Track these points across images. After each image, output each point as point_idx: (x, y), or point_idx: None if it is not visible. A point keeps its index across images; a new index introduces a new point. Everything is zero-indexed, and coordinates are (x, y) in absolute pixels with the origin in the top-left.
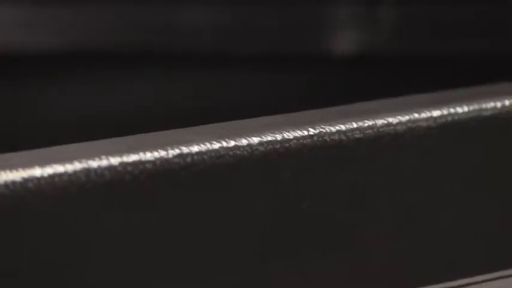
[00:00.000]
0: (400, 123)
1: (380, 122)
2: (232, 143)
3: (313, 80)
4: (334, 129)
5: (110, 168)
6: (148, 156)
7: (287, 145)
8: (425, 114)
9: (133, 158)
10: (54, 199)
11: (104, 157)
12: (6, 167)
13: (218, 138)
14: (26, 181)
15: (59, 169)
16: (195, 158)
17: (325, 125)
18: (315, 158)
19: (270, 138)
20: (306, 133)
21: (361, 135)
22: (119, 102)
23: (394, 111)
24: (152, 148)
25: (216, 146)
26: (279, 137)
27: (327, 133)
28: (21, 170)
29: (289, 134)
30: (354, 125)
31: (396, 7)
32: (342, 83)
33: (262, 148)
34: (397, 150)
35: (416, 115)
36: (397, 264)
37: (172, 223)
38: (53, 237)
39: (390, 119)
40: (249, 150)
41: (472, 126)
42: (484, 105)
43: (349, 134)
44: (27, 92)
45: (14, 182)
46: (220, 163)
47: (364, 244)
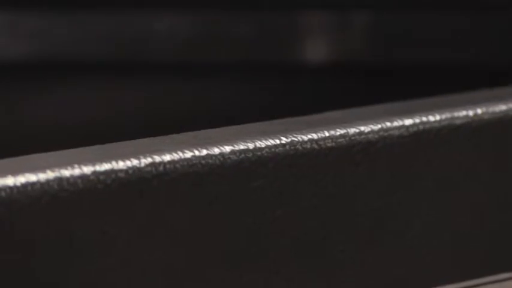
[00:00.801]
0: (372, 132)
1: (352, 130)
2: (204, 152)
3: (285, 89)
4: (306, 138)
5: (83, 177)
6: (121, 165)
7: (259, 154)
8: (397, 123)
9: (105, 166)
10: (26, 208)
11: (77, 166)
12: None
13: (190, 147)
14: None
15: (32, 178)
16: (168, 166)
17: (297, 133)
18: (287, 167)
19: (242, 147)
20: (278, 142)
21: (333, 144)
22: (91, 111)
23: (366, 120)
24: (124, 157)
25: (188, 154)
26: (251, 145)
27: (299, 142)
28: None
29: (261, 143)
30: (326, 133)
31: (369, 16)
32: (314, 92)
33: (234, 157)
34: (369, 158)
35: (388, 124)
36: (369, 271)
37: (145, 231)
38: (25, 246)
39: (362, 128)
40: (221, 159)
41: (444, 134)
42: (456, 114)
43: (321, 142)
44: None
45: None
46: (192, 172)
47: (336, 252)
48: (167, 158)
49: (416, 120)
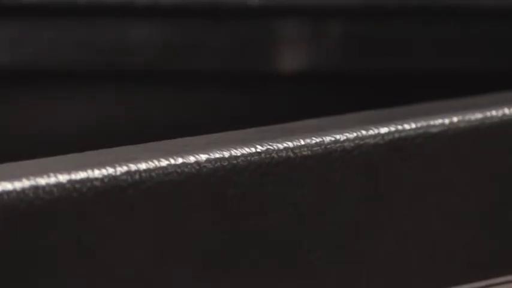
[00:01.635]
0: (347, 140)
1: (328, 139)
2: (180, 160)
3: (261, 97)
4: (281, 146)
5: (58, 185)
6: (96, 173)
7: (235, 162)
8: (372, 131)
9: (81, 175)
10: (1, 216)
11: (52, 174)
12: None
13: (166, 155)
14: None
15: (7, 186)
16: (143, 175)
17: (272, 142)
18: (262, 175)
19: (217, 156)
20: (253, 150)
21: (308, 153)
22: (67, 119)
23: (342, 128)
24: (100, 165)
25: (163, 163)
26: (226, 154)
27: (274, 150)
28: None
29: (236, 151)
30: (302, 142)
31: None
32: (290, 100)
33: (210, 165)
34: (345, 167)
35: (363, 132)
36: (345, 279)
37: (121, 240)
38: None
39: (338, 136)
40: (196, 168)
41: (419, 142)
42: (431, 122)
43: (296, 151)
44: None
45: None
46: (168, 180)
47: (312, 260)
48: (143, 166)
49: (392, 128)
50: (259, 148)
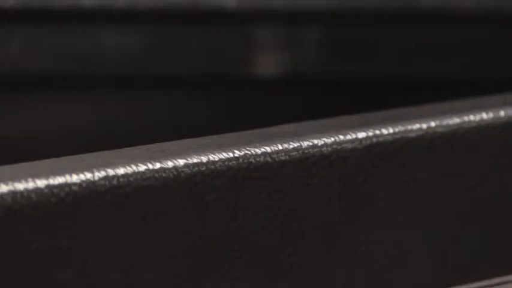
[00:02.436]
0: (325, 145)
1: (305, 144)
2: (158, 165)
3: (238, 102)
4: (259, 151)
5: (36, 190)
6: (75, 178)
7: (213, 167)
8: (350, 136)
9: (59, 180)
10: None
11: (30, 179)
12: None
13: (144, 160)
14: None
15: None
16: (121, 180)
17: (250, 147)
18: (240, 180)
19: (195, 161)
20: (231, 155)
21: (286, 157)
22: (44, 125)
23: (320, 133)
24: (78, 170)
25: (141, 168)
26: (204, 159)
27: (252, 155)
28: None
29: (214, 156)
30: (279, 147)
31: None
32: (267, 105)
33: (188, 170)
34: (323, 171)
35: (341, 137)
36: (323, 282)
37: (99, 244)
38: None
39: (315, 141)
40: (174, 173)
41: (397, 147)
42: (409, 127)
43: (274, 156)
44: None
45: None
46: (146, 185)
47: (291, 264)
48: (121, 171)
49: (370, 133)
50: (237, 153)
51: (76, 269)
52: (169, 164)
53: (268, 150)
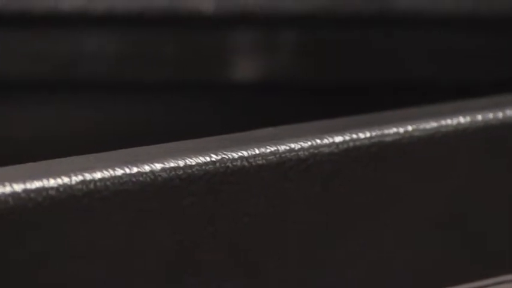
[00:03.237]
0: (302, 149)
1: (282, 148)
2: (135, 170)
3: (215, 107)
4: (236, 155)
5: (13, 195)
6: (52, 183)
7: (190, 171)
8: (327, 140)
9: (36, 184)
10: None
11: (8, 184)
12: None
13: (121, 164)
14: None
15: None
16: (98, 184)
17: (227, 151)
18: (217, 184)
19: (172, 165)
20: (208, 159)
21: (263, 162)
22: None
23: (297, 137)
24: (55, 175)
25: (119, 172)
26: (181, 163)
27: (229, 159)
28: None
29: (191, 161)
30: (256, 151)
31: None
32: (244, 110)
33: (165, 174)
34: (300, 175)
35: (318, 141)
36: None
37: (76, 250)
38: None
39: (292, 145)
40: (151, 177)
41: (374, 151)
42: (386, 131)
43: (251, 160)
44: None
45: None
46: (123, 189)
47: (268, 269)
48: (98, 175)
49: (347, 137)
50: (214, 157)
51: (53, 273)
52: (146, 168)
53: (245, 154)
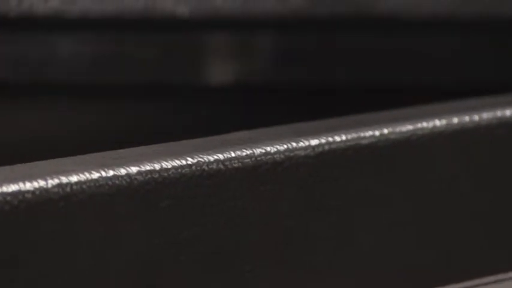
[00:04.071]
0: (278, 152)
1: (258, 151)
2: (111, 173)
3: (191, 110)
4: (212, 158)
5: None
6: (28, 186)
7: (165, 175)
8: (303, 143)
9: (12, 188)
10: None
11: None
12: None
13: (97, 167)
14: None
15: None
16: (74, 187)
17: (203, 154)
18: (193, 188)
19: (148, 168)
20: (184, 162)
21: (239, 165)
22: None
23: (272, 140)
24: (32, 178)
25: (95, 175)
26: (157, 166)
27: (205, 162)
28: None
29: (167, 164)
30: (232, 154)
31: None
32: (220, 113)
33: (140, 178)
34: (275, 179)
35: (294, 144)
36: None
37: (53, 253)
38: None
39: (268, 148)
40: (127, 180)
41: (350, 154)
42: (362, 134)
43: (227, 163)
44: None
45: None
46: (99, 193)
47: (244, 272)
48: (74, 179)
49: (322, 140)
50: (190, 160)
51: (30, 277)
52: (123, 172)
53: (221, 157)
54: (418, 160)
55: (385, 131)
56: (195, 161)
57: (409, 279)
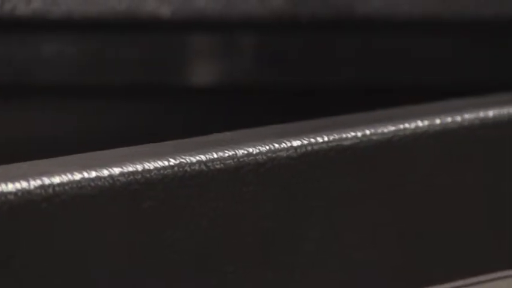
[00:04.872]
0: (260, 153)
1: (240, 152)
2: (93, 174)
3: (174, 111)
4: (194, 159)
5: None
6: (10, 187)
7: (148, 176)
8: (285, 144)
9: None
10: None
11: None
12: None
13: (79, 169)
14: None
15: None
16: (57, 189)
17: (185, 155)
18: (176, 189)
19: (131, 169)
20: (166, 163)
21: (221, 166)
22: None
23: (255, 142)
24: (14, 179)
25: (77, 176)
26: (139, 167)
27: (187, 163)
28: None
29: (149, 165)
30: (215, 155)
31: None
32: (203, 114)
33: (123, 179)
34: (258, 180)
35: (276, 145)
36: None
37: (36, 255)
38: None
39: (250, 149)
40: (110, 181)
41: (332, 155)
42: (344, 135)
43: (209, 164)
44: None
45: None
46: (81, 194)
47: (227, 272)
48: (56, 180)
49: (305, 141)
50: (172, 161)
51: (13, 278)
52: (105, 173)
53: (203, 158)
54: (400, 161)
55: (367, 132)
56: (178, 162)
57: (393, 280)
